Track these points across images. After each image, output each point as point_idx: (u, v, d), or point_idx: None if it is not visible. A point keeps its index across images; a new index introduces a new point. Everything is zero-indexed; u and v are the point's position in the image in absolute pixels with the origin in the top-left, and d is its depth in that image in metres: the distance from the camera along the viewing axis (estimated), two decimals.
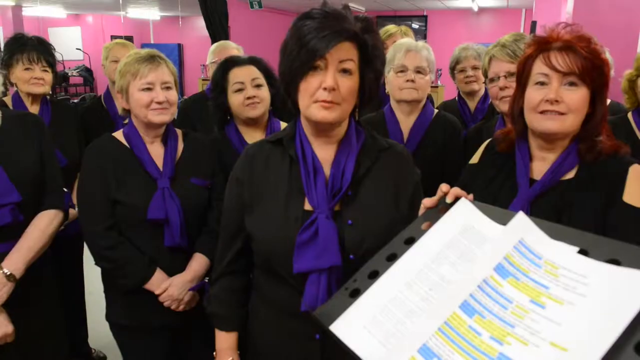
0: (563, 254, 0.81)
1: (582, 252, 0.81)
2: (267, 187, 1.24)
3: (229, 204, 1.32)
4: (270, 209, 1.22)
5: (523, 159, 1.29)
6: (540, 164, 1.28)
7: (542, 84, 1.22)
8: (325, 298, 1.14)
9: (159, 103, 1.63)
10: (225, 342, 1.35)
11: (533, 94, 1.23)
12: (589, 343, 0.68)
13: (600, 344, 0.67)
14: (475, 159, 1.42)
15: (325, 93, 1.12)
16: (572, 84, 1.19)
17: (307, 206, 1.20)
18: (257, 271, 1.34)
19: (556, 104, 1.19)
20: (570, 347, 0.69)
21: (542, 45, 1.23)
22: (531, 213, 1.20)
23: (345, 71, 1.13)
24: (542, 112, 1.21)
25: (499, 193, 1.29)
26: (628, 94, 2.08)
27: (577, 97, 1.19)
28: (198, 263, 1.69)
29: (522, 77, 1.28)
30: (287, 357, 1.27)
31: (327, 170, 1.22)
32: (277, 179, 1.24)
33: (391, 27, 2.93)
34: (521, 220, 0.88)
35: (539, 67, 1.23)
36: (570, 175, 1.24)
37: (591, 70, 1.18)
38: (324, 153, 1.23)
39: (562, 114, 1.19)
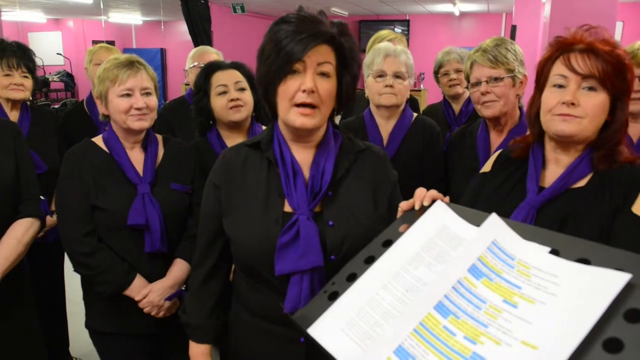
0: (535, 254, 0.83)
1: (554, 252, 0.83)
2: (245, 190, 1.24)
3: (206, 209, 1.31)
4: (249, 212, 1.22)
5: (535, 164, 1.26)
6: (553, 170, 1.25)
7: (560, 86, 1.18)
8: (308, 299, 1.14)
9: (138, 109, 1.62)
10: (198, 349, 1.35)
11: (550, 96, 1.19)
12: (558, 341, 0.70)
13: (570, 341, 0.68)
14: (487, 167, 1.40)
15: (304, 95, 1.13)
16: (590, 88, 1.15)
17: (287, 208, 1.21)
18: (236, 276, 1.33)
19: (572, 107, 1.15)
20: (541, 346, 0.70)
21: (564, 47, 1.19)
22: (537, 220, 1.19)
23: (323, 74, 1.15)
24: (558, 115, 1.17)
25: (506, 198, 1.27)
26: None
27: (594, 101, 1.15)
28: (179, 269, 1.69)
29: (540, 79, 1.24)
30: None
31: (306, 172, 1.23)
32: (255, 182, 1.24)
33: (385, 33, 2.83)
34: (494, 221, 0.89)
35: (557, 69, 1.19)
36: (582, 183, 1.20)
37: (612, 75, 1.14)
38: (303, 156, 1.24)
39: (578, 117, 1.15)
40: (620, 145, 1.20)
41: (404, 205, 1.06)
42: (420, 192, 1.05)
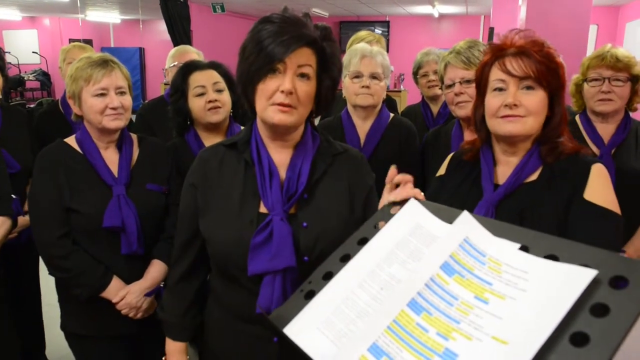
0: (505, 251, 0.84)
1: (523, 248, 0.84)
2: (221, 191, 1.24)
3: (184, 209, 1.31)
4: (224, 212, 1.22)
5: (487, 164, 1.32)
6: (505, 168, 1.30)
7: (500, 89, 1.24)
8: (280, 299, 1.15)
9: (114, 109, 1.60)
10: (174, 346, 1.36)
11: (492, 100, 1.25)
12: (527, 336, 0.71)
13: (538, 336, 0.70)
14: (442, 170, 1.44)
15: (282, 96, 1.14)
16: (529, 87, 1.22)
17: (262, 209, 1.21)
18: (212, 276, 1.34)
19: (515, 108, 1.21)
20: (510, 340, 0.72)
21: (497, 52, 1.26)
22: (496, 216, 1.23)
23: (303, 76, 1.15)
24: (502, 117, 1.23)
25: (466, 199, 1.30)
26: (575, 97, 2.17)
27: (535, 99, 1.22)
28: (156, 270, 1.67)
29: (480, 84, 1.31)
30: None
31: (282, 173, 1.23)
32: (232, 182, 1.24)
33: (364, 34, 2.85)
34: (466, 219, 0.91)
35: (495, 74, 1.26)
36: (534, 177, 1.26)
37: (546, 73, 1.21)
38: (280, 157, 1.25)
39: (522, 116, 1.22)
40: (562, 136, 1.27)
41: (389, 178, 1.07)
42: (396, 175, 1.08)
